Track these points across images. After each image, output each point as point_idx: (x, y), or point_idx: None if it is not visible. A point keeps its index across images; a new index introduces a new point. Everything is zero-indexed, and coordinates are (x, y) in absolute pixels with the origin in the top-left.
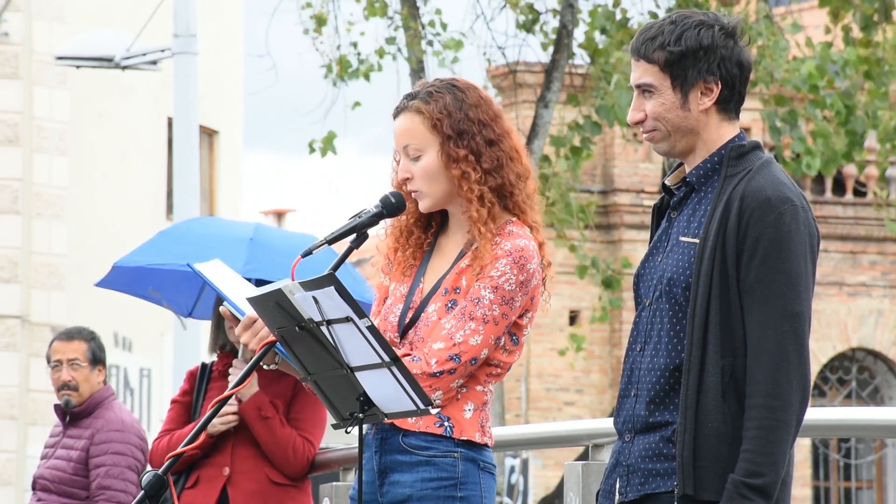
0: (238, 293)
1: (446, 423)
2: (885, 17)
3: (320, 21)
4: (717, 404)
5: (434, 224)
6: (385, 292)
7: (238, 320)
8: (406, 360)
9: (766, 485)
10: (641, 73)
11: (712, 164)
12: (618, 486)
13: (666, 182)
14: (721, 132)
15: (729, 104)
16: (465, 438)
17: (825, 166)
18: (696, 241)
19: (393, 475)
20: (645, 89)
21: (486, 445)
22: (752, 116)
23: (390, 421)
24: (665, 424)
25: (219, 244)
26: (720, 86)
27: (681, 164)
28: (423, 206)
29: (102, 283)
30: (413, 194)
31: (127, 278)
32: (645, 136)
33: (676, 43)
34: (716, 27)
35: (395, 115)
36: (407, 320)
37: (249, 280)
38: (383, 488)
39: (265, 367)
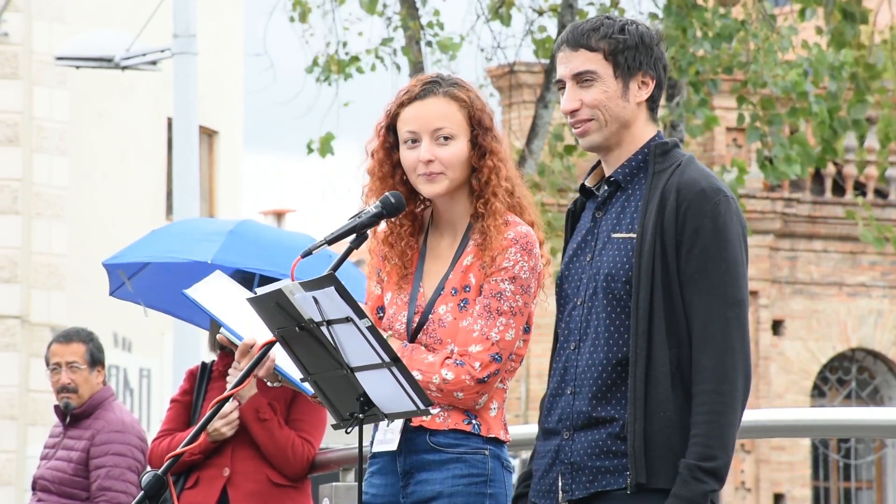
0: (233, 315)
1: (474, 422)
2: (860, 18)
3: (306, 10)
4: (667, 394)
5: (420, 228)
6: (378, 301)
7: (236, 345)
8: (448, 364)
9: (719, 468)
10: (582, 61)
11: (637, 162)
12: (560, 483)
13: (585, 183)
14: (645, 130)
15: (655, 103)
16: (493, 436)
17: (802, 169)
18: (633, 235)
19: (420, 474)
20: (585, 78)
21: (506, 443)
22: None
23: (418, 423)
24: (611, 420)
25: (200, 237)
26: (655, 82)
27: (597, 166)
28: (437, 190)
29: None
30: (429, 178)
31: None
32: (577, 127)
33: (621, 32)
34: (651, 29)
35: (417, 98)
36: (414, 325)
37: (228, 271)
38: (408, 489)
39: (268, 384)
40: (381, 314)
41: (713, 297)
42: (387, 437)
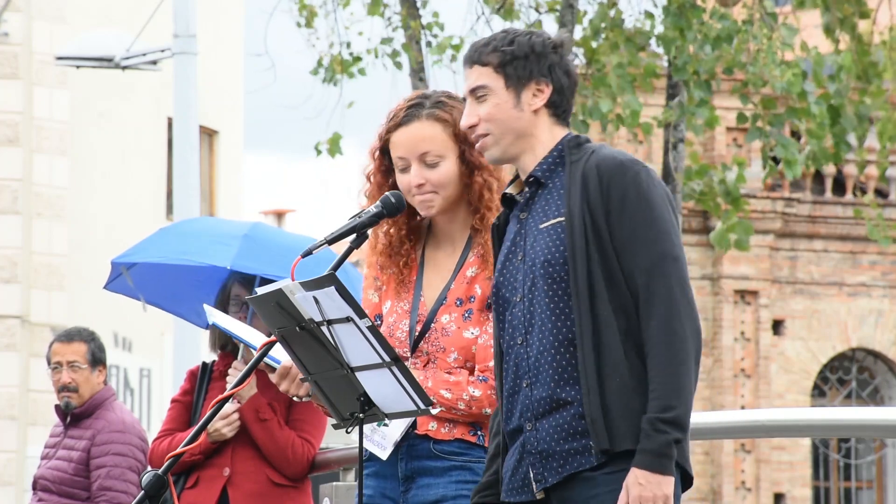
0: (259, 338)
1: (479, 433)
2: (861, 16)
3: (311, 14)
4: (620, 359)
5: (417, 238)
6: (376, 309)
7: (273, 369)
8: (473, 381)
9: (679, 416)
10: (475, 77)
11: (553, 159)
12: (532, 474)
13: (507, 192)
14: (554, 133)
15: (559, 109)
16: None
17: (810, 165)
18: (561, 219)
19: (423, 479)
20: (479, 94)
21: None
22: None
23: (424, 431)
24: (571, 402)
25: (213, 239)
26: (551, 88)
27: (518, 177)
28: (432, 212)
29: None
30: (423, 200)
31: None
32: (476, 141)
33: (509, 45)
34: (544, 37)
35: (402, 124)
36: (417, 333)
37: (239, 275)
38: (409, 493)
39: (295, 398)
40: (379, 322)
41: (650, 257)
42: (374, 438)
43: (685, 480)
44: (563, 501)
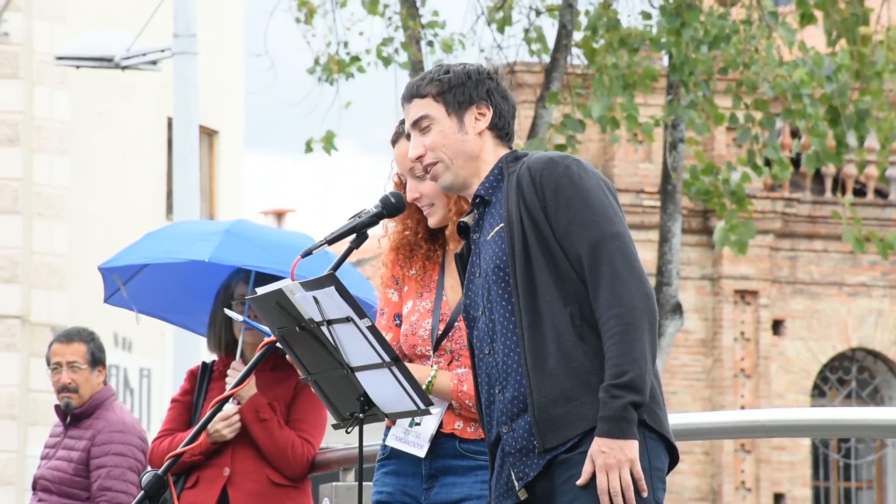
0: None
1: None
2: (863, 21)
3: (311, 11)
4: (574, 344)
5: (440, 237)
6: (395, 307)
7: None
8: None
9: (633, 379)
10: (416, 110)
11: (495, 176)
12: (514, 475)
13: (462, 221)
14: (496, 153)
15: (502, 131)
16: None
17: (811, 165)
18: (502, 224)
19: (447, 478)
20: (423, 125)
21: None
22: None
23: (450, 430)
24: None
25: (196, 237)
26: (492, 111)
27: (472, 210)
28: (434, 221)
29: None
30: (424, 211)
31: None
32: (427, 172)
33: (445, 73)
34: (478, 66)
35: (395, 142)
36: (440, 332)
37: (227, 270)
38: (432, 490)
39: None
40: (398, 321)
41: (591, 238)
42: (409, 439)
43: (670, 451)
44: (546, 490)
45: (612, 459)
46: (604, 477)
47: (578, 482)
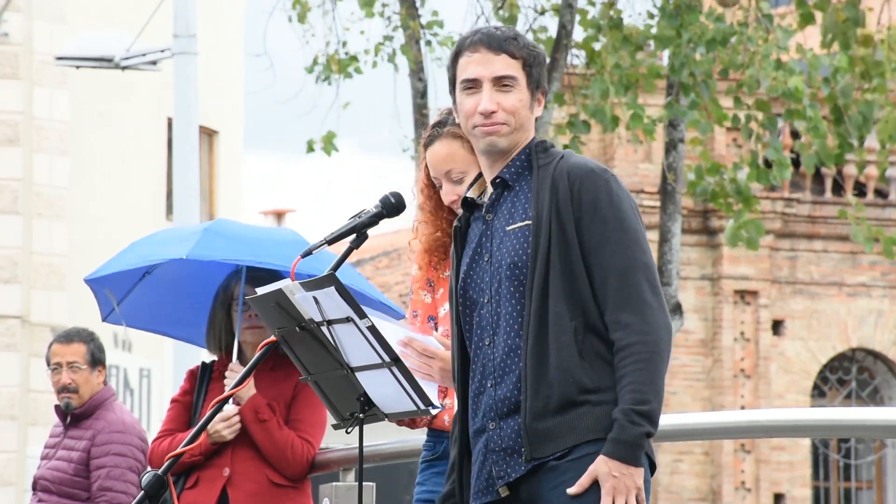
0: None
1: None
2: (859, 23)
3: (304, 10)
4: (575, 362)
5: None
6: (429, 309)
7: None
8: None
9: (653, 410)
10: (504, 66)
11: (521, 162)
12: (494, 472)
13: (468, 196)
14: (529, 137)
15: (537, 121)
16: None
17: (810, 164)
18: (528, 222)
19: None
20: (506, 83)
21: None
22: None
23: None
24: None
25: (175, 239)
26: (543, 102)
27: (479, 178)
28: None
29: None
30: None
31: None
32: (488, 128)
33: (533, 48)
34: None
35: (428, 145)
36: None
37: (211, 266)
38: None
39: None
40: (432, 322)
41: (622, 262)
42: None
43: (650, 467)
44: (531, 494)
45: (622, 485)
46: (610, 500)
47: (570, 491)
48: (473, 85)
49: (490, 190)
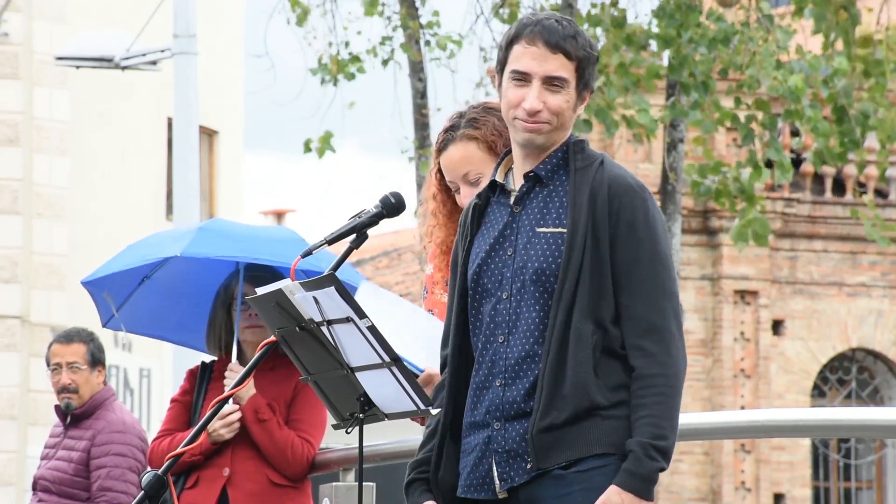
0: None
1: None
2: (857, 21)
3: (304, 13)
4: (590, 380)
5: None
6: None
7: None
8: None
9: (669, 448)
10: (558, 66)
11: (558, 159)
12: (496, 472)
13: (496, 178)
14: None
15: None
16: None
17: (817, 163)
18: (563, 230)
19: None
20: (557, 83)
21: None
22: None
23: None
24: None
25: (169, 239)
26: (587, 99)
27: (504, 158)
28: None
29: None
30: None
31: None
32: (531, 125)
33: (591, 47)
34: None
35: (443, 148)
36: None
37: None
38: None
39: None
40: None
41: (651, 287)
42: None
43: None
44: (531, 499)
45: None
46: None
47: None
48: (523, 78)
49: (517, 179)
